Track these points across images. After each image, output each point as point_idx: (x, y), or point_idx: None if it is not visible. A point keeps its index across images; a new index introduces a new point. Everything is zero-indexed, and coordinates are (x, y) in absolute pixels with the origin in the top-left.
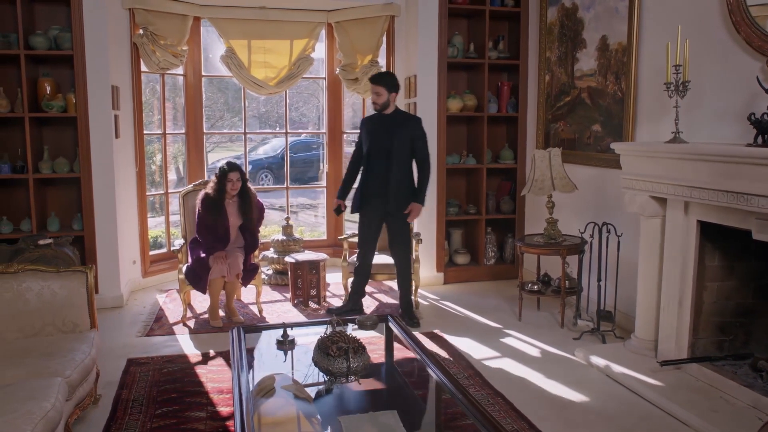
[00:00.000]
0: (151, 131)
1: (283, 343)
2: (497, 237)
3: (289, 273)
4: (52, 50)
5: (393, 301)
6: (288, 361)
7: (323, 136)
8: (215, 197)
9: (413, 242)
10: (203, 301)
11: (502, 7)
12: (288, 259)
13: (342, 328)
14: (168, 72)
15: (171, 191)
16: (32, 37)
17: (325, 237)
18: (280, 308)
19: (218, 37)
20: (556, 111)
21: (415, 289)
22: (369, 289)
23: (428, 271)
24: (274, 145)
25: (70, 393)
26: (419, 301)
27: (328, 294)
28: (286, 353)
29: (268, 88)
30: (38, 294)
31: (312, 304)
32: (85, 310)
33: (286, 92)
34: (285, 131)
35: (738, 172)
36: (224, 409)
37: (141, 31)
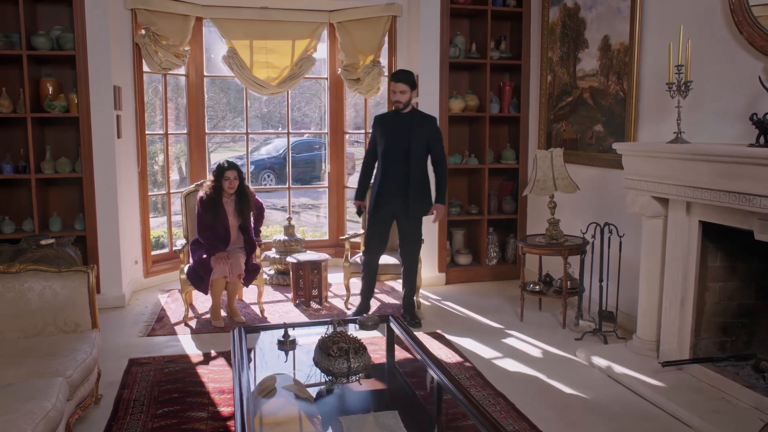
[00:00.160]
0: (154, 131)
1: (284, 343)
2: (499, 237)
3: (291, 273)
4: (55, 50)
5: (394, 301)
6: (289, 362)
7: (325, 136)
8: (213, 195)
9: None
10: (205, 301)
11: (503, 7)
12: (290, 259)
13: (343, 329)
14: (170, 72)
15: (173, 191)
16: (34, 37)
17: (327, 237)
18: (282, 308)
19: (220, 37)
20: (558, 111)
21: (417, 289)
22: None
23: (430, 271)
24: (277, 145)
25: (71, 393)
26: (421, 301)
27: (330, 294)
28: (287, 353)
29: (269, 88)
30: (40, 294)
31: (314, 305)
32: (87, 310)
33: (288, 92)
34: (287, 131)
35: (740, 172)
36: (225, 410)
37: (143, 32)
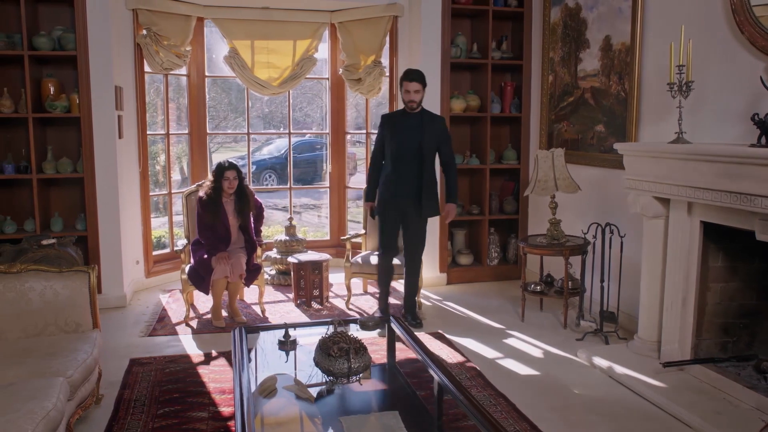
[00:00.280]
0: (155, 131)
1: (285, 343)
2: (500, 237)
3: (292, 273)
4: (56, 51)
5: (396, 301)
6: (290, 362)
7: (326, 136)
8: (212, 195)
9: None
10: (206, 301)
11: (505, 7)
12: (291, 259)
13: (344, 329)
14: (171, 72)
15: (174, 191)
16: (36, 37)
17: (328, 237)
18: (283, 308)
19: (221, 37)
20: (560, 111)
21: (418, 289)
22: (372, 290)
23: (431, 271)
24: (279, 145)
25: (71, 393)
26: (422, 301)
27: (331, 294)
28: (288, 354)
29: (271, 88)
30: (41, 294)
31: (315, 305)
32: (88, 310)
33: (289, 93)
34: (288, 131)
35: (741, 172)
36: (226, 410)
37: (144, 32)
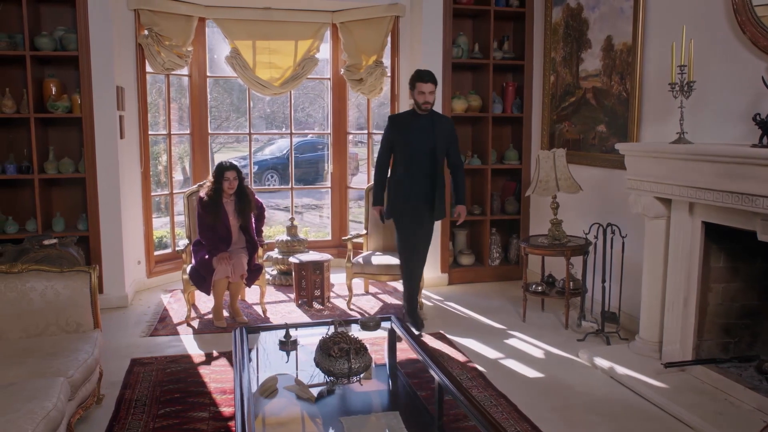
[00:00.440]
0: (157, 132)
1: (286, 343)
2: (502, 238)
3: (293, 273)
4: (58, 51)
5: (397, 301)
6: (291, 362)
7: (328, 136)
8: (213, 196)
9: None
10: (207, 301)
11: (506, 7)
12: (292, 259)
13: (344, 329)
14: (173, 73)
15: (176, 191)
16: (38, 38)
17: (329, 237)
18: (284, 309)
19: (223, 37)
20: (561, 111)
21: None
22: (373, 290)
23: (432, 271)
24: (280, 145)
25: (72, 393)
26: (423, 302)
27: (333, 294)
28: (289, 354)
29: (272, 88)
30: (42, 294)
31: (316, 305)
32: (89, 310)
33: (290, 93)
34: (290, 132)
35: (743, 172)
36: (227, 410)
37: (146, 32)
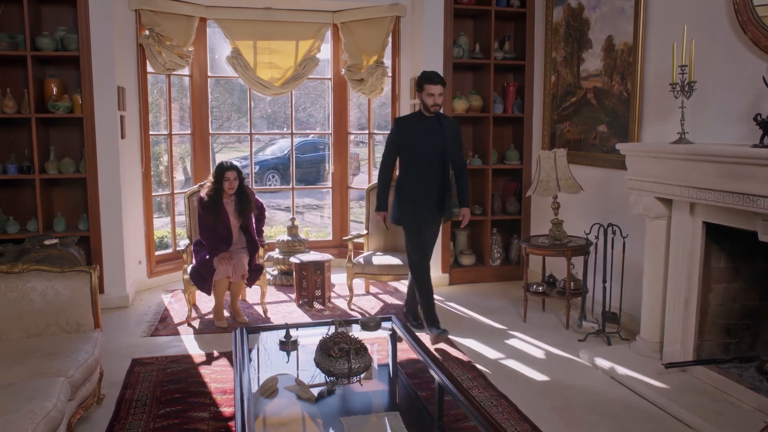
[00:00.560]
0: (158, 132)
1: (286, 343)
2: (503, 238)
3: (294, 274)
4: (59, 51)
5: (397, 302)
6: (292, 362)
7: (329, 137)
8: (213, 196)
9: None
10: (208, 301)
11: (507, 7)
12: (293, 259)
13: (345, 329)
14: (174, 73)
15: (177, 191)
16: (39, 38)
17: (330, 237)
18: (285, 309)
19: (224, 38)
20: (562, 111)
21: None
22: (374, 290)
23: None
24: (282, 145)
25: (72, 393)
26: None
27: (333, 295)
28: (289, 354)
29: (273, 88)
30: (42, 294)
31: (317, 305)
32: (89, 310)
33: (291, 93)
34: (290, 132)
35: (744, 173)
36: (227, 410)
37: (147, 32)
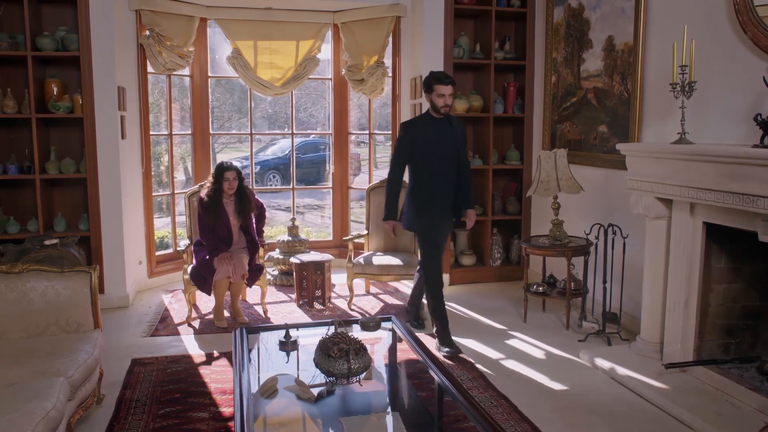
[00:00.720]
0: (159, 132)
1: (286, 344)
2: (503, 238)
3: (294, 274)
4: (59, 51)
5: (397, 302)
6: (292, 362)
7: (329, 137)
8: (213, 196)
9: None
10: (208, 301)
11: (508, 7)
12: (293, 259)
13: (345, 330)
14: (174, 73)
15: (177, 192)
16: (39, 38)
17: (330, 238)
18: (285, 309)
19: (224, 38)
20: (563, 112)
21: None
22: (374, 290)
23: None
24: (282, 146)
25: (72, 393)
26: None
27: (334, 295)
28: (289, 354)
29: (273, 88)
30: (42, 294)
31: (317, 305)
32: (89, 310)
33: (292, 93)
34: (291, 132)
35: (744, 173)
36: (227, 410)
37: (147, 33)
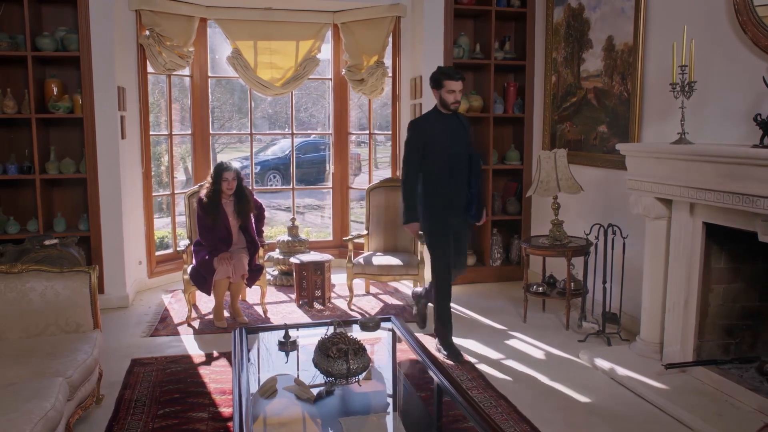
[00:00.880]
0: (159, 132)
1: (285, 344)
2: (503, 238)
3: (294, 274)
4: (59, 51)
5: (397, 302)
6: (292, 362)
7: (329, 137)
8: (211, 197)
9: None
10: (208, 301)
11: (508, 7)
12: (293, 260)
13: (344, 330)
14: (174, 73)
15: (177, 192)
16: (39, 38)
17: (330, 238)
18: (285, 309)
19: (224, 38)
20: (563, 112)
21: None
22: (374, 291)
23: None
24: (283, 146)
25: (71, 393)
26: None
27: (333, 295)
28: (288, 354)
29: (273, 89)
30: (42, 294)
31: (317, 305)
32: (88, 311)
33: (292, 93)
34: (291, 132)
35: (744, 173)
36: (226, 410)
37: (147, 33)
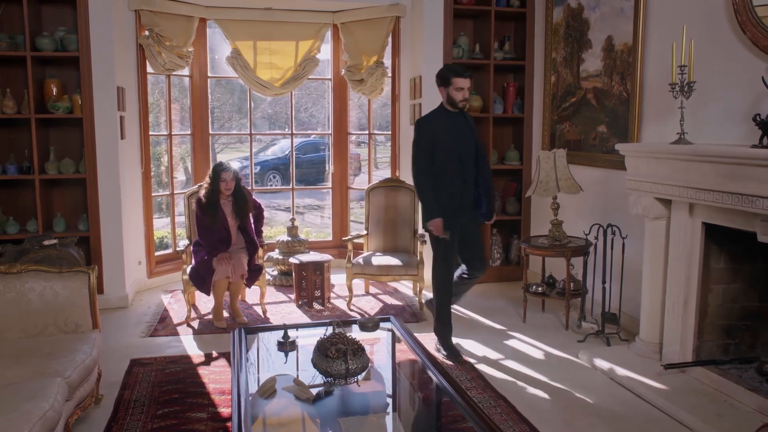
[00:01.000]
0: (159, 132)
1: (284, 344)
2: (503, 238)
3: (294, 274)
4: (59, 52)
5: (397, 302)
6: (291, 363)
7: (329, 137)
8: (210, 197)
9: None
10: (208, 301)
11: (507, 7)
12: (292, 260)
13: (343, 330)
14: (174, 73)
15: (177, 192)
16: (39, 38)
17: (330, 238)
18: (285, 309)
19: (224, 38)
20: (562, 112)
21: (420, 290)
22: (373, 291)
23: None
24: (283, 146)
25: (70, 393)
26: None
27: (333, 295)
28: (287, 354)
29: (273, 89)
30: (40, 294)
31: (316, 305)
32: (87, 311)
33: (292, 93)
34: (290, 132)
35: (743, 173)
36: (225, 410)
37: (147, 33)
